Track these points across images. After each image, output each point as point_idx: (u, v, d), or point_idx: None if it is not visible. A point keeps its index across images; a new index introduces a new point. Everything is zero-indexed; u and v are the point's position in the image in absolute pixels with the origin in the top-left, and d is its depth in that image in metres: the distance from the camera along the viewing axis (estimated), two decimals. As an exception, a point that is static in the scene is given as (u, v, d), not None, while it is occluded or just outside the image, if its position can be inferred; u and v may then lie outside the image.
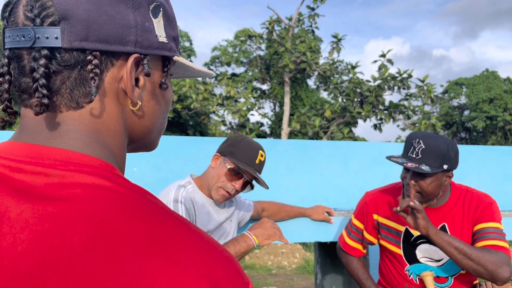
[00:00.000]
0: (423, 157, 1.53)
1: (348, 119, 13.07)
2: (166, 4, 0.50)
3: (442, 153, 1.54)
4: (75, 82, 0.44)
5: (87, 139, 0.45)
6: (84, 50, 0.43)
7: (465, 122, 25.33)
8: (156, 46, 0.48)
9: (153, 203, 0.42)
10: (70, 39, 0.42)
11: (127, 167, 2.26)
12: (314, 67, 13.56)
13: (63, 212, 0.37)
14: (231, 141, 1.62)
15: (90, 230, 0.37)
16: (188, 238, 0.40)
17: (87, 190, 0.40)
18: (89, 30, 0.42)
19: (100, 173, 0.42)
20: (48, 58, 0.42)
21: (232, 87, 14.22)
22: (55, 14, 0.41)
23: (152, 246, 0.37)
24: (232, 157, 1.57)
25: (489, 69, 25.66)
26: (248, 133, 14.21)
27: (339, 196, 2.51)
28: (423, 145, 1.54)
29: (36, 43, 0.41)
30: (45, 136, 0.44)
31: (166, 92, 0.52)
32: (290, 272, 6.66)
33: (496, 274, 1.47)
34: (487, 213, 1.62)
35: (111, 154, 0.47)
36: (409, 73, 12.62)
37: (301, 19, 14.68)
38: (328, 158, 2.54)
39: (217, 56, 20.03)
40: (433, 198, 1.63)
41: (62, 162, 0.41)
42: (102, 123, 0.46)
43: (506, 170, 2.75)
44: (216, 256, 0.40)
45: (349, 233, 1.90)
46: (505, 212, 2.61)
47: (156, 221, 0.39)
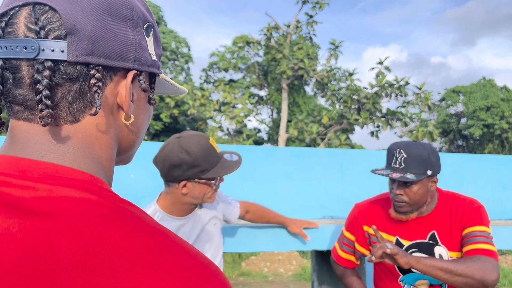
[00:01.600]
0: (406, 166, 1.57)
1: (345, 126, 13.10)
2: (155, 25, 0.53)
3: (424, 160, 1.57)
4: (75, 95, 0.45)
5: (79, 154, 0.45)
6: (87, 65, 0.44)
7: (462, 130, 25.43)
8: (150, 63, 0.50)
9: (138, 217, 0.42)
10: (77, 53, 0.43)
11: (125, 173, 2.26)
12: (311, 74, 13.62)
13: (50, 226, 0.38)
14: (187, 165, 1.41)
15: (76, 245, 0.37)
16: (173, 252, 0.40)
17: (74, 205, 0.40)
18: (94, 45, 0.44)
19: (89, 187, 0.43)
20: (52, 70, 0.43)
21: (230, 93, 14.25)
22: (61, 29, 0.43)
23: (138, 260, 0.38)
24: (205, 173, 1.43)
25: (486, 77, 25.83)
26: (245, 139, 14.21)
27: (336, 204, 2.51)
28: (404, 154, 1.58)
29: (40, 55, 0.42)
30: (36, 149, 0.44)
31: (151, 107, 0.55)
32: (287, 279, 6.64)
33: (485, 280, 1.48)
34: (474, 216, 1.63)
35: (101, 167, 0.48)
36: (406, 81, 12.69)
37: (299, 26, 14.76)
38: (325, 166, 2.54)
39: (215, 62, 20.09)
40: (422, 205, 1.64)
41: (51, 176, 0.42)
42: (95, 137, 0.47)
43: (502, 179, 2.76)
44: (201, 269, 0.41)
45: (341, 245, 1.91)
46: (501, 221, 2.62)
47: (142, 235, 0.40)
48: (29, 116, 0.44)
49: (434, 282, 1.69)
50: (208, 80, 20.58)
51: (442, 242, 1.66)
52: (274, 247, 2.16)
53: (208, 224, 1.62)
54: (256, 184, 2.42)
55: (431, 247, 1.67)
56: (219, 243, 1.65)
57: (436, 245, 1.66)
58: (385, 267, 1.78)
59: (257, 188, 2.41)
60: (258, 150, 2.50)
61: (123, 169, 2.18)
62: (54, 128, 0.45)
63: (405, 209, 1.63)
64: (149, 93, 0.53)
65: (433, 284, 1.70)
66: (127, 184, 2.17)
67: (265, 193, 2.41)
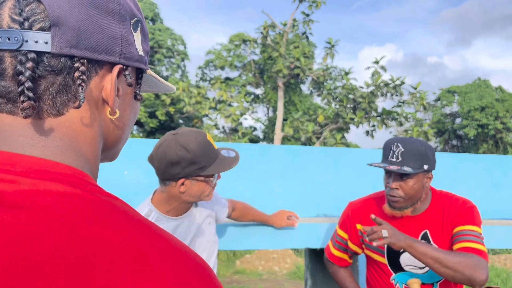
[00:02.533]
0: (403, 159, 1.58)
1: (341, 125, 13.14)
2: (143, 20, 0.53)
3: (421, 154, 1.58)
4: (58, 88, 0.44)
5: (63, 147, 0.45)
6: (72, 57, 0.44)
7: (457, 130, 25.57)
8: (136, 58, 0.50)
9: (124, 211, 0.42)
10: (61, 45, 0.42)
11: (118, 170, 2.25)
12: (307, 73, 13.64)
13: (33, 220, 0.37)
14: (186, 162, 1.38)
15: (59, 239, 0.36)
16: (159, 246, 0.40)
17: (58, 198, 0.39)
18: (79, 37, 0.43)
19: (73, 181, 0.42)
20: (35, 62, 0.42)
21: (225, 91, 14.23)
22: (46, 20, 0.42)
23: (123, 254, 0.37)
24: (204, 170, 1.41)
25: (481, 78, 25.98)
26: (241, 138, 14.21)
27: (331, 202, 2.52)
28: (402, 148, 1.59)
29: (23, 46, 0.41)
30: (19, 143, 0.43)
31: (137, 103, 0.55)
32: (281, 277, 6.65)
33: (474, 278, 1.47)
34: (466, 216, 1.63)
35: (86, 162, 0.47)
36: (402, 80, 12.74)
37: (295, 25, 14.77)
38: (320, 164, 2.54)
39: (211, 60, 20.06)
40: (417, 202, 1.64)
41: (34, 170, 0.41)
42: (79, 130, 0.47)
43: (495, 178, 2.78)
44: (188, 263, 0.40)
45: (335, 243, 1.91)
46: (493, 220, 2.63)
47: (127, 229, 0.40)
48: (11, 109, 0.43)
49: (426, 281, 1.70)
50: (204, 78, 20.55)
51: (434, 241, 1.67)
52: (268, 245, 2.16)
53: (203, 223, 1.61)
54: (250, 182, 2.42)
55: None
56: (214, 242, 1.65)
57: (428, 243, 1.67)
58: (377, 266, 1.79)
59: (252, 186, 2.41)
60: (253, 148, 2.50)
61: (116, 166, 2.18)
62: (37, 121, 0.44)
63: (400, 204, 1.63)
64: (135, 89, 0.53)
65: (424, 283, 1.70)
66: (120, 181, 2.16)
67: (259, 191, 2.41)
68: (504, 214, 2.74)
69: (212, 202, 1.69)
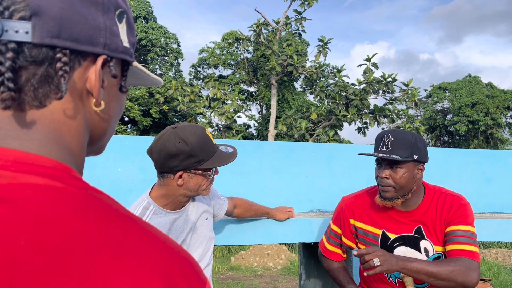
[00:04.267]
0: (393, 148, 1.60)
1: (333, 122, 13.18)
2: (128, 11, 0.52)
3: (410, 143, 1.61)
4: (40, 79, 0.43)
5: (46, 140, 0.44)
6: (53, 48, 0.42)
7: (448, 126, 25.77)
8: (121, 50, 0.49)
9: (107, 204, 0.41)
10: (42, 35, 0.41)
11: (112, 167, 2.24)
12: (300, 70, 13.66)
13: (12, 213, 0.36)
14: (184, 154, 1.40)
15: (37, 232, 0.36)
16: (142, 239, 0.39)
17: (38, 192, 0.39)
18: (61, 28, 0.42)
19: (54, 174, 0.42)
20: (16, 52, 0.41)
21: (219, 89, 14.21)
22: (26, 9, 0.41)
23: (103, 247, 0.37)
24: (202, 164, 1.43)
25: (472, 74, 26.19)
26: (235, 135, 14.21)
27: (324, 198, 2.53)
28: (391, 138, 1.62)
29: (3, 36, 0.40)
30: (0, 135, 0.42)
31: (123, 96, 0.54)
32: (276, 273, 6.68)
33: (466, 283, 1.53)
34: (460, 215, 1.64)
35: (70, 154, 0.46)
36: (394, 77, 12.80)
37: (288, 23, 14.77)
38: (313, 160, 2.56)
39: (204, 58, 20.00)
40: (407, 192, 1.65)
41: (15, 163, 0.40)
42: (63, 122, 0.45)
43: (486, 173, 2.82)
44: (171, 256, 0.40)
45: (328, 238, 1.92)
46: (485, 214, 2.67)
47: (108, 222, 0.39)
48: None
49: None
50: (197, 76, 20.50)
51: (428, 236, 1.68)
52: (263, 240, 2.18)
53: (200, 218, 1.62)
54: (244, 178, 2.43)
55: (417, 240, 1.69)
56: (211, 237, 1.65)
57: (422, 239, 1.69)
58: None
59: (245, 182, 2.42)
60: (246, 144, 2.51)
61: (110, 163, 2.18)
62: (19, 113, 0.43)
63: (391, 194, 1.64)
64: (120, 81, 0.52)
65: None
66: (114, 178, 2.16)
67: (253, 187, 2.42)
68: (495, 208, 2.78)
69: (210, 198, 1.70)
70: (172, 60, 21.30)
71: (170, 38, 21.02)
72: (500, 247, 8.55)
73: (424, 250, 1.68)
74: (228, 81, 18.53)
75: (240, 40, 18.56)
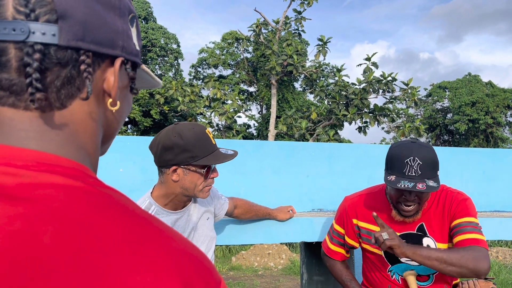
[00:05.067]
0: (423, 173, 1.53)
1: (334, 122, 13.18)
2: (137, 17, 0.54)
3: (436, 163, 1.57)
4: (63, 81, 0.44)
5: (64, 141, 0.45)
6: (78, 50, 0.44)
7: (448, 125, 25.77)
8: (135, 53, 0.51)
9: (124, 204, 0.42)
10: (68, 37, 0.43)
11: (113, 167, 2.25)
12: (300, 70, 13.65)
13: (34, 212, 0.37)
14: (179, 148, 1.42)
15: (60, 230, 0.37)
16: (159, 239, 0.40)
17: (59, 191, 0.39)
18: (85, 31, 0.44)
19: (73, 173, 0.43)
20: (43, 53, 0.42)
21: (219, 89, 14.21)
22: (52, 13, 0.42)
23: (123, 245, 0.38)
24: (196, 160, 1.43)
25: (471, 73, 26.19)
26: (235, 135, 14.21)
27: (325, 197, 2.53)
28: (419, 161, 1.53)
29: (29, 37, 0.41)
30: (20, 137, 0.43)
31: (131, 97, 0.55)
32: (277, 273, 6.68)
33: (478, 269, 1.51)
34: (462, 208, 1.66)
35: (86, 155, 0.47)
36: (394, 77, 12.80)
37: (288, 22, 14.77)
38: (314, 160, 2.56)
39: (204, 58, 20.00)
40: (425, 203, 1.67)
41: (35, 163, 0.41)
42: (81, 123, 0.47)
43: (487, 171, 2.81)
44: (188, 256, 0.41)
45: (331, 238, 1.93)
46: (486, 212, 2.67)
47: (127, 222, 0.40)
48: (14, 102, 0.43)
49: (422, 273, 1.72)
50: (197, 76, 20.50)
51: (430, 234, 1.69)
52: (264, 239, 2.18)
53: (202, 218, 1.62)
54: (244, 178, 2.43)
55: (420, 238, 1.70)
56: (212, 237, 1.66)
57: (424, 236, 1.69)
58: (374, 258, 1.81)
59: (246, 182, 2.42)
60: (247, 144, 2.50)
61: (112, 164, 2.18)
62: (40, 114, 0.44)
63: (413, 213, 1.64)
64: (130, 83, 0.53)
65: (421, 275, 1.73)
66: (115, 179, 2.16)
67: (253, 187, 2.42)
68: (497, 207, 2.78)
69: (211, 198, 1.70)
70: (172, 60, 21.31)
71: (170, 39, 21.02)
72: (501, 246, 8.55)
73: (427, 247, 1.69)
74: (228, 81, 18.53)
75: (239, 40, 18.56)
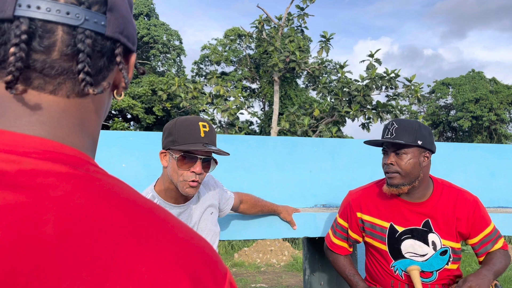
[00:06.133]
0: (397, 134, 1.64)
1: (336, 118, 13.16)
2: None
3: (414, 129, 1.65)
4: (96, 70, 0.45)
5: (74, 128, 0.45)
6: (115, 42, 0.45)
7: (451, 122, 25.68)
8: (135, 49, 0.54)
9: (128, 193, 0.42)
10: (113, 29, 0.44)
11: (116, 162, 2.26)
12: (303, 67, 13.62)
13: (36, 200, 0.37)
14: (167, 131, 1.47)
15: (63, 219, 0.36)
16: (164, 229, 0.40)
17: (61, 179, 0.39)
18: (125, 25, 0.46)
19: (76, 162, 0.42)
20: (94, 40, 0.43)
21: (222, 86, 14.20)
22: (103, 4, 0.43)
23: (128, 235, 0.37)
24: (174, 145, 1.42)
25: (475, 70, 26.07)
26: (238, 132, 14.21)
27: (328, 193, 2.53)
28: (396, 125, 1.66)
29: (84, 24, 0.42)
30: (30, 121, 0.43)
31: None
32: (279, 269, 6.69)
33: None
34: (481, 219, 1.72)
35: (92, 144, 0.48)
36: (397, 73, 12.75)
37: (290, 19, 14.72)
38: (317, 155, 2.56)
39: (206, 55, 19.98)
40: (414, 180, 1.66)
41: (38, 151, 0.41)
42: (93, 112, 0.47)
43: (491, 167, 2.80)
44: (193, 246, 0.40)
45: (335, 232, 1.92)
46: (490, 208, 2.66)
47: (131, 212, 0.40)
48: (41, 85, 0.42)
49: (426, 269, 1.72)
50: (200, 73, 20.48)
51: (436, 230, 1.68)
52: (267, 234, 2.18)
53: (205, 212, 1.62)
54: (248, 173, 2.43)
55: (425, 234, 1.69)
56: (216, 232, 1.65)
57: (430, 232, 1.69)
58: (378, 253, 1.80)
59: (249, 177, 2.42)
60: (250, 140, 2.50)
61: (114, 159, 2.18)
62: (63, 99, 0.44)
63: (397, 181, 1.65)
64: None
65: (425, 271, 1.72)
66: (118, 174, 2.17)
67: (257, 183, 2.42)
68: (500, 202, 2.77)
69: (216, 192, 1.70)
70: (175, 57, 21.30)
71: (172, 35, 21.01)
72: (504, 243, 8.52)
73: (432, 244, 1.69)
74: (231, 78, 18.52)
75: (242, 36, 18.52)
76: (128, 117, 17.97)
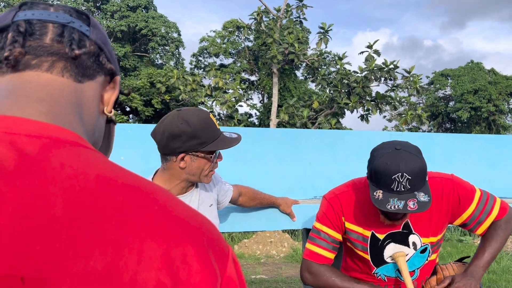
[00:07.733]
0: (412, 187, 1.40)
1: (335, 110, 13.16)
2: None
3: (424, 171, 1.45)
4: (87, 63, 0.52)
5: (74, 114, 0.48)
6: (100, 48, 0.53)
7: (450, 113, 25.69)
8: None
9: (132, 175, 0.44)
10: (96, 37, 0.53)
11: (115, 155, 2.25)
12: (302, 58, 13.57)
13: (43, 184, 0.37)
14: (187, 135, 1.40)
15: (71, 201, 0.37)
16: (169, 207, 0.41)
17: (66, 162, 0.40)
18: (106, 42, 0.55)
19: (80, 144, 0.44)
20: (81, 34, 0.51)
21: (221, 78, 14.16)
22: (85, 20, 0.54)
23: (135, 214, 0.39)
24: (203, 147, 1.41)
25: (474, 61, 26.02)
26: (237, 124, 14.19)
27: (327, 184, 2.52)
28: (408, 176, 1.39)
29: (71, 24, 0.51)
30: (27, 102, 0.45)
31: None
32: (279, 261, 6.73)
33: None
34: (461, 194, 1.60)
35: (88, 134, 0.51)
36: (396, 64, 12.72)
37: (289, 10, 14.64)
38: (316, 147, 2.55)
39: (205, 47, 19.88)
40: None
41: (39, 135, 0.42)
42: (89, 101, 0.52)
43: (491, 158, 2.80)
44: (197, 223, 0.42)
45: (316, 241, 1.70)
46: (488, 199, 2.67)
47: (136, 191, 0.41)
48: (37, 63, 0.48)
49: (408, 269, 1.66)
50: (198, 65, 20.41)
51: (415, 230, 1.62)
52: (267, 226, 2.18)
53: (204, 204, 1.61)
54: (247, 165, 2.42)
55: (405, 236, 1.62)
56: (216, 224, 1.65)
57: (410, 233, 1.62)
58: (359, 260, 1.70)
59: (248, 169, 2.42)
60: (249, 132, 2.50)
61: (113, 152, 2.16)
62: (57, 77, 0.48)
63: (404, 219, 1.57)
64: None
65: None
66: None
67: (256, 175, 2.41)
68: (500, 193, 2.76)
69: (214, 185, 1.69)
70: (173, 49, 21.20)
71: (171, 27, 20.89)
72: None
73: (412, 244, 1.63)
74: (229, 70, 18.45)
75: (240, 28, 18.42)
76: (127, 110, 17.94)
